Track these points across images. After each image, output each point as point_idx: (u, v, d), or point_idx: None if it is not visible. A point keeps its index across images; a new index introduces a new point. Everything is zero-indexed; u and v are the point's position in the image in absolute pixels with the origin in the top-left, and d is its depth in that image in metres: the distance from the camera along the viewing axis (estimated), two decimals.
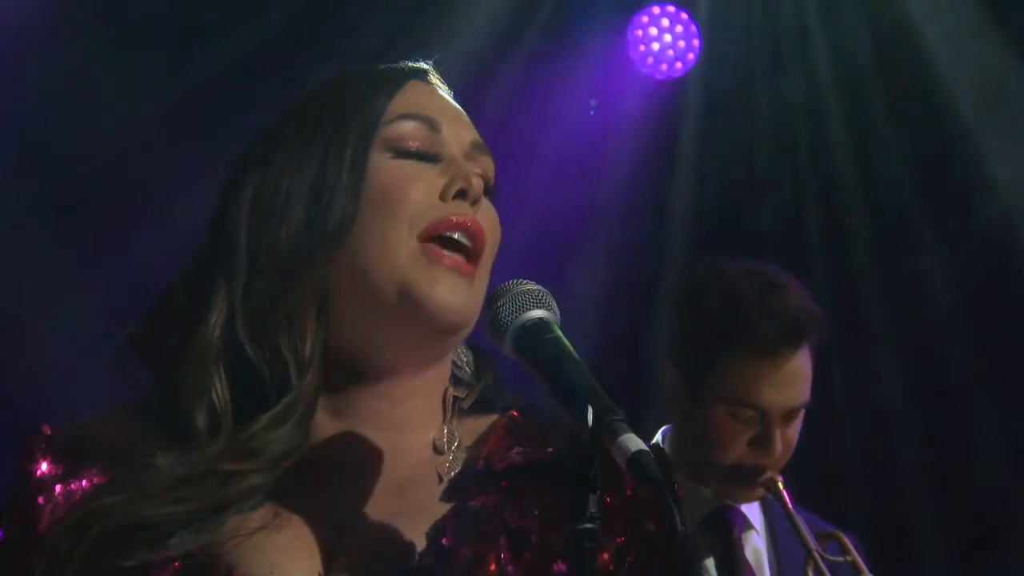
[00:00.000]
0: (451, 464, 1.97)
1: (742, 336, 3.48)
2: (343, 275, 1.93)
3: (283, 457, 1.88)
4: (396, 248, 1.91)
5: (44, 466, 1.92)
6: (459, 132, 2.01)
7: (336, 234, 1.91)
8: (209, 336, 1.91)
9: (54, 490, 1.90)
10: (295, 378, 1.89)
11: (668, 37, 5.58)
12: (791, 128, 5.73)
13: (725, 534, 3.60)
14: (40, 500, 1.90)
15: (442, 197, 1.94)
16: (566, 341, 1.79)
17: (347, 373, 1.94)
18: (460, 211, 1.93)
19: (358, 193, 1.93)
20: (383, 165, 1.95)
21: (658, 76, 5.62)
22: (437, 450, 1.99)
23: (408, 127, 1.98)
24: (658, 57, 5.60)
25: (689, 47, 5.63)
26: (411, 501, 1.93)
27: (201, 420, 1.89)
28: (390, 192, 1.92)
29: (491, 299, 1.84)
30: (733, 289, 3.57)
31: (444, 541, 1.88)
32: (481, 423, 2.03)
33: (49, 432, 1.95)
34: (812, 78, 5.68)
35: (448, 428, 1.99)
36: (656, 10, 5.63)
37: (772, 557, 3.66)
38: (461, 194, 1.94)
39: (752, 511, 3.66)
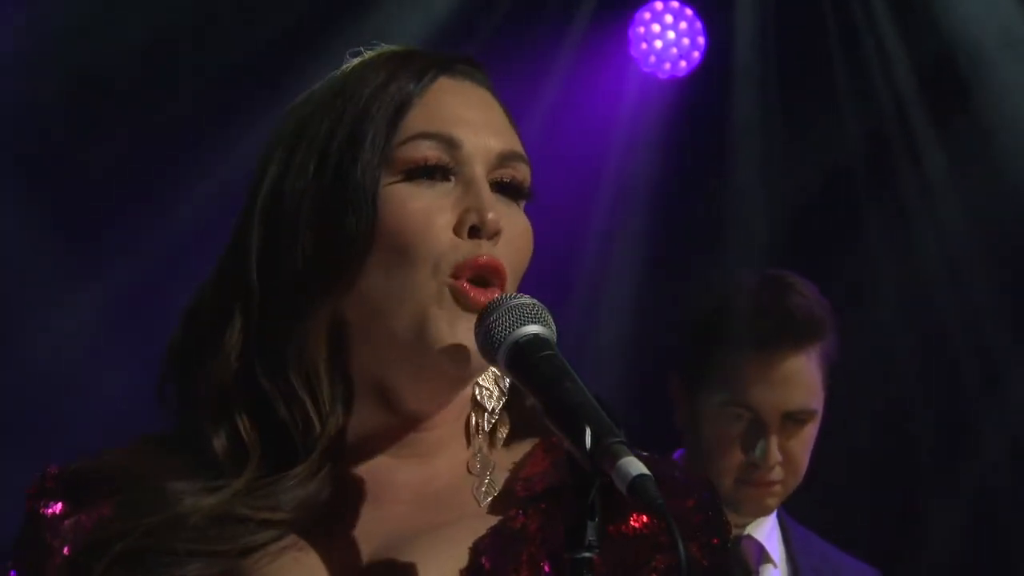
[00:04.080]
0: (487, 488, 1.97)
1: (737, 329, 3.50)
2: (358, 311, 1.92)
3: (312, 506, 1.89)
4: (421, 285, 1.89)
5: (56, 507, 1.93)
6: (485, 140, 1.97)
7: (347, 268, 1.91)
8: (225, 361, 1.92)
9: (63, 525, 1.92)
10: (317, 426, 1.90)
11: (672, 34, 5.57)
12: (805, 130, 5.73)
13: (742, 567, 3.60)
14: (47, 538, 1.92)
15: (457, 233, 1.91)
16: (563, 359, 1.76)
17: (370, 405, 1.94)
18: (477, 252, 1.90)
19: (370, 226, 1.90)
20: (393, 194, 1.92)
21: (661, 76, 5.61)
22: (471, 472, 1.98)
23: (423, 149, 1.94)
24: (661, 56, 5.59)
25: (694, 45, 5.61)
26: (444, 519, 1.93)
27: (220, 446, 1.90)
28: (402, 229, 1.90)
29: (483, 313, 1.82)
30: (734, 287, 3.61)
31: (485, 562, 1.88)
32: (518, 450, 2.02)
33: (56, 472, 1.96)
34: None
35: (481, 452, 1.99)
36: (659, 6, 5.61)
37: None
38: (475, 231, 1.92)
39: (771, 543, 3.66)
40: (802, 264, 4.95)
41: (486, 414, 1.99)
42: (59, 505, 1.92)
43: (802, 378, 3.53)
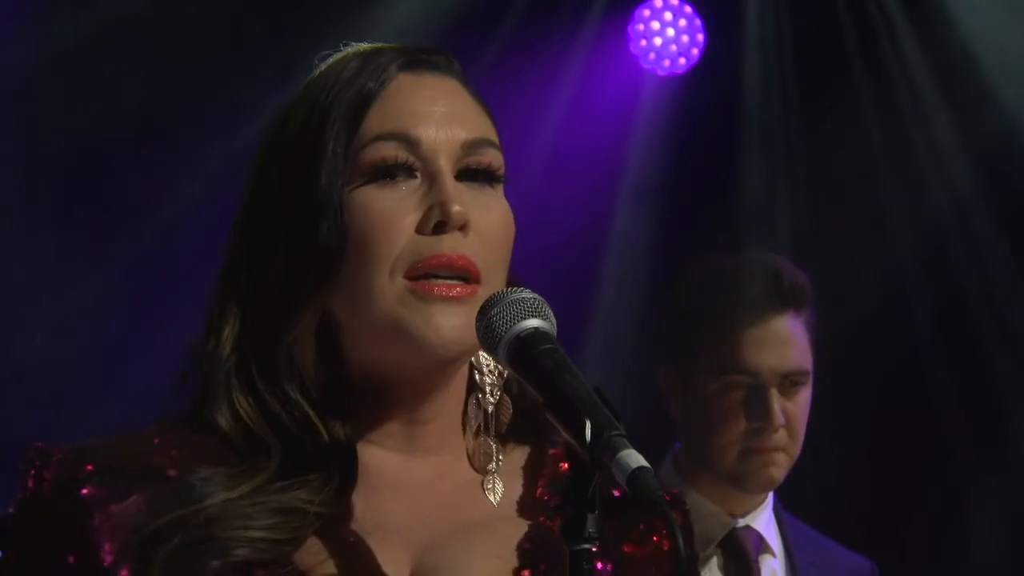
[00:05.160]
0: (494, 485, 2.00)
1: (724, 299, 3.57)
2: (343, 314, 1.94)
3: (342, 502, 1.92)
4: (382, 293, 1.91)
5: (93, 489, 1.90)
6: (447, 132, 1.97)
7: (325, 275, 1.93)
8: (225, 359, 1.95)
9: (109, 509, 1.89)
10: (322, 431, 1.92)
11: (671, 32, 5.59)
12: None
13: (741, 557, 3.64)
14: (95, 521, 1.89)
15: (421, 231, 1.92)
16: (563, 352, 1.78)
17: (369, 403, 1.97)
18: (441, 247, 1.92)
19: (340, 233, 1.92)
20: (358, 199, 1.93)
21: (660, 73, 5.63)
22: (474, 467, 2.00)
23: (383, 151, 1.95)
24: (660, 53, 5.61)
25: (693, 42, 5.63)
26: (464, 519, 1.96)
27: (223, 421, 1.92)
28: (367, 233, 1.92)
29: (484, 308, 1.83)
30: (716, 264, 3.68)
31: (543, 566, 1.91)
32: (529, 451, 2.04)
33: (76, 452, 1.93)
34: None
35: (484, 444, 2.00)
36: (658, 3, 5.63)
37: None
38: (440, 226, 1.92)
39: (769, 534, 3.70)
40: (812, 258, 4.99)
41: (487, 397, 2.00)
42: (98, 488, 1.90)
43: (795, 339, 3.61)
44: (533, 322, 1.80)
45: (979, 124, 5.57)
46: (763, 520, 3.68)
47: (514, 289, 1.85)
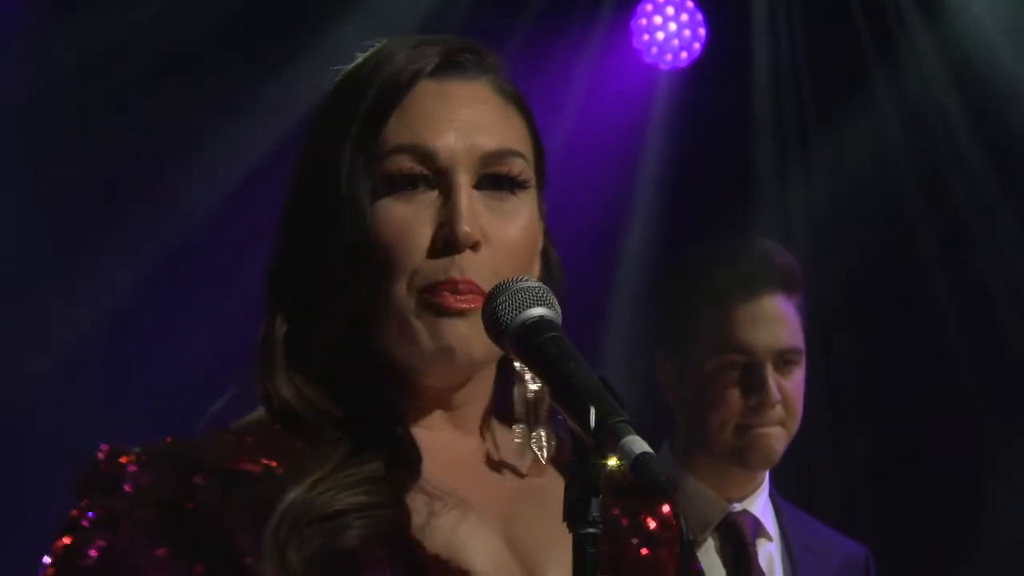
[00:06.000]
0: (523, 464, 2.03)
1: (719, 279, 3.62)
2: (369, 316, 1.97)
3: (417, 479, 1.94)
4: (399, 303, 1.94)
5: (208, 495, 1.87)
6: (467, 142, 1.97)
7: (345, 284, 1.95)
8: (276, 335, 1.98)
9: (236, 512, 1.87)
10: (376, 416, 1.95)
11: (673, 26, 5.62)
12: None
13: (738, 541, 3.68)
14: (225, 526, 1.86)
15: (432, 248, 1.94)
16: (568, 341, 1.80)
17: (410, 391, 2.00)
18: (449, 272, 1.93)
19: (360, 243, 1.94)
20: (379, 209, 1.95)
21: (663, 66, 5.66)
22: (510, 450, 2.03)
23: (400, 163, 1.95)
24: (663, 47, 5.64)
25: (695, 37, 5.66)
26: (525, 495, 2.00)
27: (286, 393, 1.95)
28: (385, 244, 1.94)
29: (490, 296, 1.86)
30: (708, 249, 3.74)
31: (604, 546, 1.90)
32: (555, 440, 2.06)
33: (151, 457, 1.89)
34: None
35: (517, 432, 2.02)
36: None
37: (787, 567, 3.72)
38: (450, 247, 1.93)
39: (766, 519, 3.73)
40: (821, 254, 5.02)
41: (522, 384, 2.02)
42: (216, 492, 1.87)
43: (787, 318, 3.66)
44: (538, 311, 1.82)
45: (997, 113, 5.58)
46: (759, 504, 3.72)
47: (519, 278, 1.87)
